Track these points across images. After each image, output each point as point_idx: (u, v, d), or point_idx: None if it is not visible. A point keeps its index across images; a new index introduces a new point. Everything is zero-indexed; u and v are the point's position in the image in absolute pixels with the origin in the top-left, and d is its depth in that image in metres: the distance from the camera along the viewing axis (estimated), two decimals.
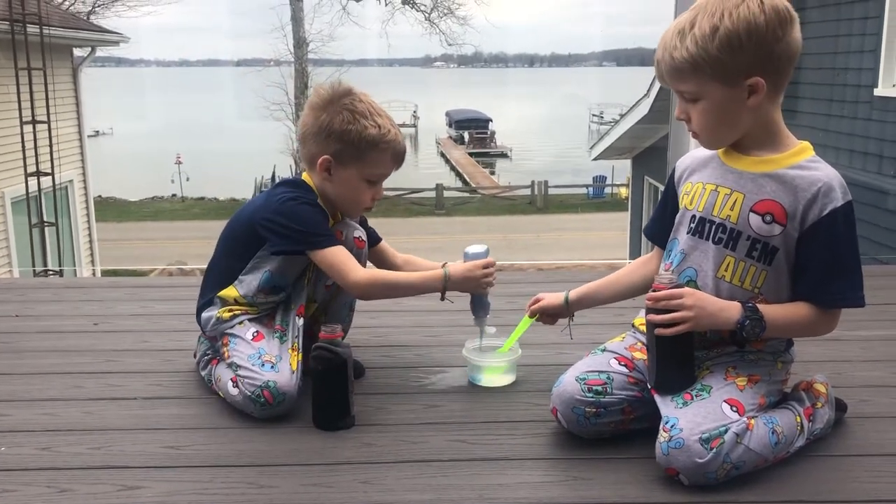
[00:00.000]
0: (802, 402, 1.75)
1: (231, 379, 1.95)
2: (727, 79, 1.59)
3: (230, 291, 2.05)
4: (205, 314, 2.08)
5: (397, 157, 2.09)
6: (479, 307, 2.13)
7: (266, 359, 1.93)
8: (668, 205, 1.87)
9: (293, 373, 1.92)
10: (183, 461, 1.71)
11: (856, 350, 2.36)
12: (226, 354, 2.00)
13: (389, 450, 1.75)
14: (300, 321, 2.02)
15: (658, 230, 1.90)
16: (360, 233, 2.11)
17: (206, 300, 2.10)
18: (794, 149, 1.68)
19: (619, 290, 2.01)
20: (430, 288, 2.05)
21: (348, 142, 2.00)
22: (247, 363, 1.93)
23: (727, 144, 1.72)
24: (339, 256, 1.96)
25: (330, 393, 1.86)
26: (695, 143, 1.78)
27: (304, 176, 2.11)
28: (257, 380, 1.88)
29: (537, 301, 2.07)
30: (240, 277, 2.04)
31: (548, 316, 2.08)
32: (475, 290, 2.08)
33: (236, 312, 2.03)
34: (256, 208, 2.04)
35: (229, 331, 2.02)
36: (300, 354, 1.98)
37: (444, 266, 2.08)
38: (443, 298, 2.06)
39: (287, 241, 1.96)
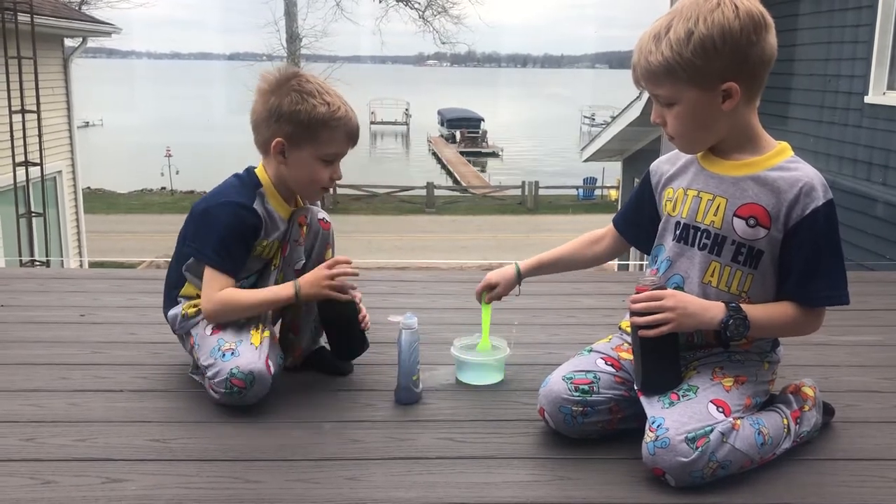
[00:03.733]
0: (790, 405, 1.76)
1: (209, 387, 1.94)
2: (702, 83, 1.60)
3: (188, 289, 2.05)
4: (171, 312, 2.06)
5: (351, 135, 2.05)
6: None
7: (226, 348, 1.91)
8: (644, 207, 1.88)
9: (256, 348, 1.91)
10: (168, 454, 1.70)
11: (843, 355, 2.37)
12: (197, 357, 1.99)
13: (377, 447, 1.75)
14: None
15: (628, 228, 1.96)
16: (323, 214, 2.11)
17: (170, 300, 2.08)
18: (774, 150, 1.69)
19: (568, 265, 2.09)
20: (279, 299, 1.98)
21: (299, 122, 1.97)
22: (210, 360, 1.92)
23: (704, 148, 1.73)
24: (209, 278, 1.94)
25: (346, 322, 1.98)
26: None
27: (259, 168, 2.06)
28: (222, 373, 1.87)
29: (489, 286, 2.08)
30: (184, 272, 2.02)
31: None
32: (322, 291, 1.96)
33: (200, 307, 2.01)
34: (205, 199, 2.02)
35: (193, 329, 2.01)
36: (266, 332, 1.98)
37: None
38: (297, 300, 1.97)
39: (197, 245, 1.96)
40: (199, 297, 2.02)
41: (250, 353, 1.90)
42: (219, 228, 1.94)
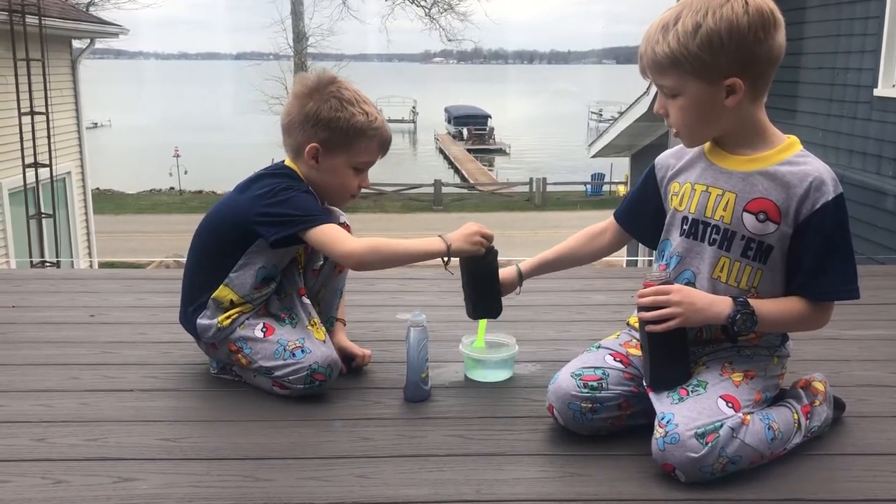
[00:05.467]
0: (800, 400, 1.75)
1: (273, 385, 1.95)
2: (706, 77, 1.59)
3: (224, 292, 1.99)
4: (202, 321, 2.01)
5: (384, 145, 2.08)
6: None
7: (293, 347, 1.93)
8: (648, 200, 1.87)
9: (324, 342, 1.97)
10: (178, 454, 1.71)
11: (854, 349, 2.36)
12: (244, 361, 1.98)
13: (386, 444, 1.75)
14: (307, 300, 2.05)
15: (630, 221, 1.96)
16: (344, 218, 2.12)
17: (197, 305, 2.03)
18: (783, 144, 1.68)
19: (570, 262, 2.08)
20: (430, 253, 1.94)
21: (336, 129, 1.98)
22: (278, 361, 1.93)
23: (705, 141, 1.73)
24: (331, 231, 1.92)
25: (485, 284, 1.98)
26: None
27: (288, 163, 2.07)
28: (300, 370, 1.91)
29: None
30: (230, 276, 1.99)
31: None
32: (474, 246, 1.94)
33: (234, 317, 2.00)
34: (245, 204, 1.96)
35: (232, 336, 1.99)
36: (322, 326, 2.03)
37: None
38: (446, 264, 1.96)
39: (281, 227, 1.91)
40: (233, 303, 2.00)
41: (323, 347, 1.96)
42: (298, 200, 1.94)
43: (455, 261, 1.97)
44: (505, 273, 2.05)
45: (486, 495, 1.55)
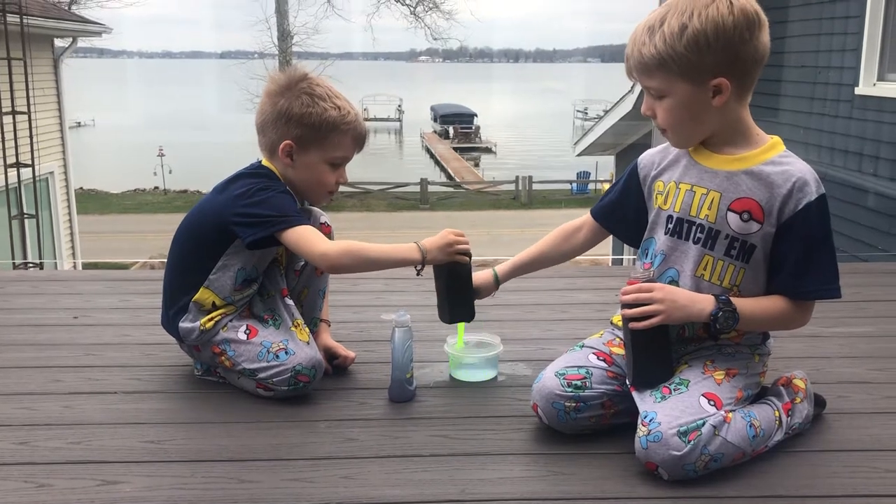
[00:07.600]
0: (781, 397, 1.77)
1: (257, 387, 1.95)
2: (693, 78, 1.60)
3: (205, 294, 1.99)
4: (184, 325, 2.00)
5: (358, 140, 2.07)
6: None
7: (276, 349, 1.93)
8: (630, 198, 1.88)
9: (308, 343, 1.96)
10: (163, 456, 1.70)
11: (835, 347, 2.38)
12: (228, 363, 1.98)
13: (371, 445, 1.75)
14: (290, 301, 2.04)
15: (610, 218, 1.95)
16: (325, 218, 2.12)
17: (178, 308, 2.02)
18: (766, 144, 1.69)
19: (546, 262, 2.07)
20: (405, 260, 1.93)
21: (309, 125, 1.97)
22: (262, 363, 1.92)
23: (694, 143, 1.74)
24: (305, 233, 1.91)
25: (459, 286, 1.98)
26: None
27: (265, 162, 2.05)
28: (284, 371, 1.90)
29: None
30: (210, 278, 1.98)
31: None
32: (451, 257, 1.95)
33: (217, 318, 1.99)
34: (223, 204, 1.95)
35: (215, 338, 1.98)
36: (306, 327, 2.02)
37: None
38: (419, 272, 1.97)
39: (258, 228, 1.90)
40: (214, 305, 1.99)
41: (307, 348, 1.95)
42: (275, 201, 1.92)
43: (428, 266, 1.97)
44: (481, 277, 2.05)
45: (471, 495, 1.55)
